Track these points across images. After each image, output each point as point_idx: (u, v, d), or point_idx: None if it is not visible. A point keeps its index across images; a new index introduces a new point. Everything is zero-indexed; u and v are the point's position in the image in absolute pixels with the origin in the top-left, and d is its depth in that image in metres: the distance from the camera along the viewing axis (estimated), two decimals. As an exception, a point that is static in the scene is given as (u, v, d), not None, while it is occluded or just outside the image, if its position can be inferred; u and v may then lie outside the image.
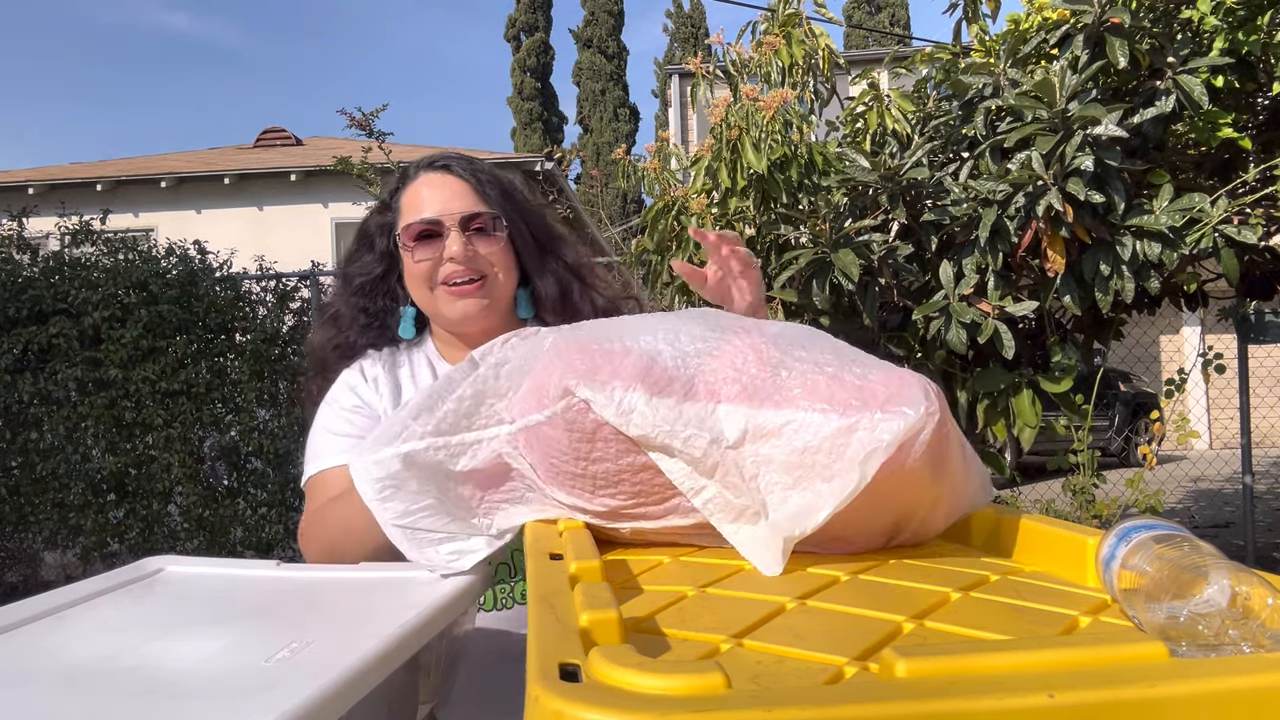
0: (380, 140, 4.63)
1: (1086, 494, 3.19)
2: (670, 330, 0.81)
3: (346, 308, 1.35)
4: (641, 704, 0.40)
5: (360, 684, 0.65)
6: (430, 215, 1.24)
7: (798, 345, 0.79)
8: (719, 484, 0.73)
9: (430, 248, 1.24)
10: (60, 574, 5.31)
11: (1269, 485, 8.71)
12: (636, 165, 3.22)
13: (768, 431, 0.72)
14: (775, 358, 0.77)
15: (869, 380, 0.73)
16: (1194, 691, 0.42)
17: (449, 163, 1.30)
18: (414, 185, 1.29)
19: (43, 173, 12.42)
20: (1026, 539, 0.77)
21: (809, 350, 0.78)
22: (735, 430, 0.73)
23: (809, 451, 0.70)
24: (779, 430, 0.72)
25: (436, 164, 1.30)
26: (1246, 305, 4.68)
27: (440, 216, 1.24)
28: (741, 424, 0.73)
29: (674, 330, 0.81)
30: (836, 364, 0.75)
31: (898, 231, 2.84)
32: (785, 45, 2.93)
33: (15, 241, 5.26)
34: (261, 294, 5.30)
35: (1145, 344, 6.45)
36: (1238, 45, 2.44)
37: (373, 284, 1.34)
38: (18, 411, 5.04)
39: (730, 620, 0.58)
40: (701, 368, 0.77)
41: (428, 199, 1.26)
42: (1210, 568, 0.50)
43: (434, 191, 1.26)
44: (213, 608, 0.86)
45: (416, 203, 1.26)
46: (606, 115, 27.97)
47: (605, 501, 0.78)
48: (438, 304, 1.26)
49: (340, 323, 1.35)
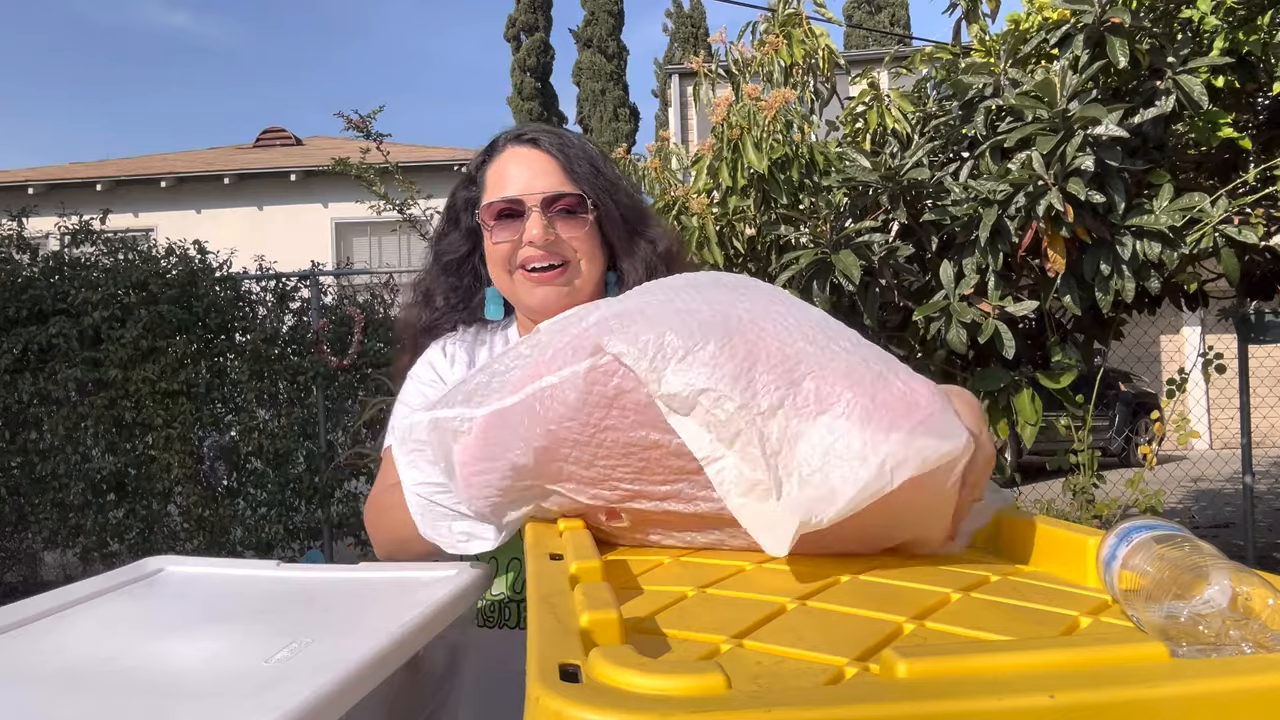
0: (378, 141, 4.63)
1: (1086, 494, 3.19)
2: (718, 300, 0.78)
3: (436, 285, 1.30)
4: (642, 704, 0.40)
5: (360, 684, 0.65)
6: (511, 194, 1.16)
7: (842, 335, 0.77)
8: (738, 455, 0.69)
9: (510, 228, 1.16)
10: (60, 574, 5.31)
11: (1269, 485, 8.71)
12: (637, 165, 3.23)
13: (803, 408, 0.69)
14: (822, 340, 0.74)
15: (914, 389, 0.70)
16: (1194, 692, 0.42)
17: (537, 136, 1.21)
18: (499, 159, 1.21)
19: (43, 173, 12.42)
20: (1026, 539, 0.77)
21: (853, 344, 0.76)
22: (769, 399, 0.69)
23: (841, 441, 0.67)
24: (815, 411, 0.69)
25: (524, 137, 1.21)
26: (1246, 305, 4.67)
27: (522, 195, 1.16)
28: (778, 395, 0.69)
29: (724, 300, 0.78)
30: (881, 364, 0.73)
31: (898, 232, 2.84)
32: (785, 45, 2.93)
33: (15, 241, 5.26)
34: (261, 294, 5.31)
35: (1145, 344, 6.44)
36: (1238, 45, 2.44)
37: (459, 262, 1.28)
38: (18, 411, 5.04)
39: (730, 620, 0.58)
40: (745, 334, 0.73)
41: (512, 175, 1.18)
42: (1211, 568, 0.50)
43: (518, 167, 1.18)
44: (213, 608, 0.86)
45: (500, 179, 1.19)
46: (606, 115, 27.96)
47: (602, 471, 0.75)
48: (516, 289, 1.19)
49: (430, 301, 1.30)
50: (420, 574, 0.90)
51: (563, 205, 1.16)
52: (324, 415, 5.00)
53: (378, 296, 5.45)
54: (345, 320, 5.06)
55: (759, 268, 2.84)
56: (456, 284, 1.29)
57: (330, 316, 5.13)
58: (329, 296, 5.43)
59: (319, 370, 4.94)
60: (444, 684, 0.92)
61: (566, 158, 1.18)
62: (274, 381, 5.07)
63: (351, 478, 4.96)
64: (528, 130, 1.22)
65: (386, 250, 11.10)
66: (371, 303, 5.36)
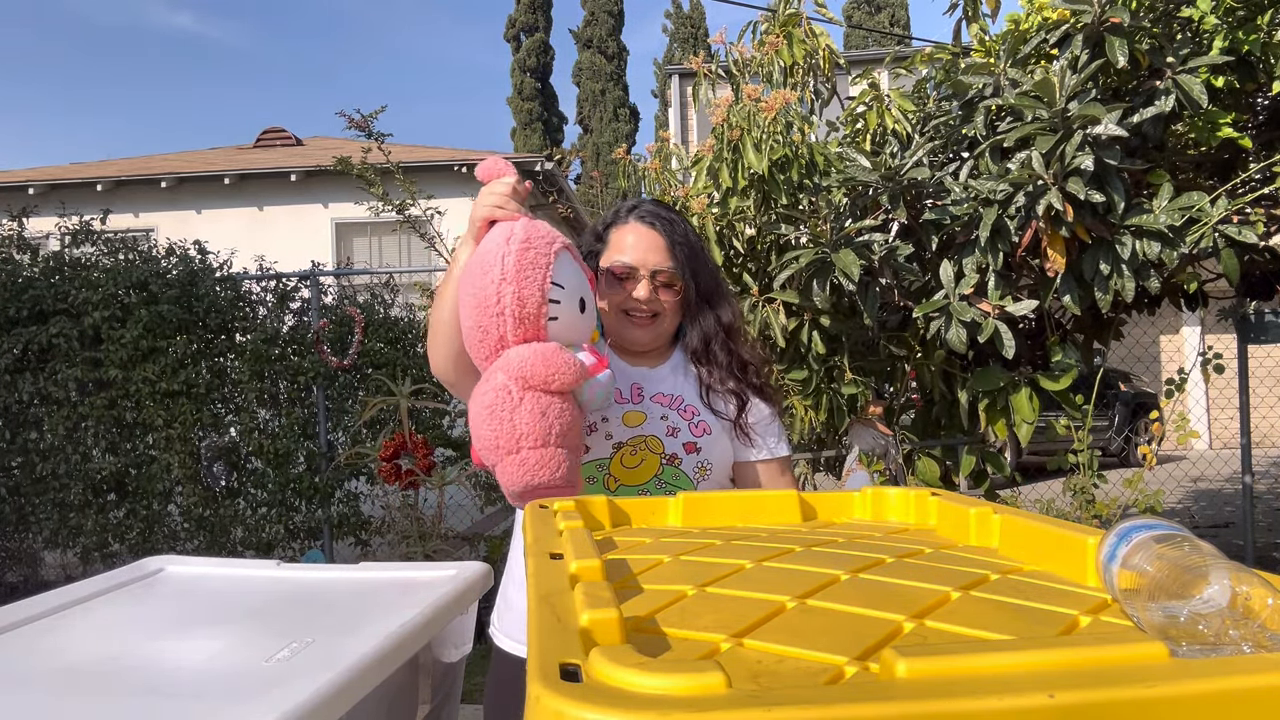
0: (379, 141, 4.62)
1: (1086, 494, 3.19)
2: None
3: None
4: (642, 704, 0.40)
5: (360, 684, 0.65)
6: (630, 261, 1.52)
7: None
8: None
9: (625, 286, 1.52)
10: (60, 574, 5.31)
11: (1269, 485, 8.71)
12: (637, 165, 3.23)
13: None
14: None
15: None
16: (1194, 691, 0.42)
17: (654, 221, 1.55)
18: (623, 228, 1.56)
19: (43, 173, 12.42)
20: (1026, 539, 0.77)
21: None
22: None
23: None
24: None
25: (646, 216, 1.56)
26: (1246, 305, 4.67)
27: (638, 265, 1.52)
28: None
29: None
30: None
31: (898, 231, 2.84)
32: (786, 45, 2.93)
33: (15, 241, 5.26)
34: (261, 294, 5.30)
35: (1145, 344, 6.44)
36: (1238, 45, 2.43)
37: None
38: (18, 411, 5.04)
39: (730, 620, 0.58)
40: None
41: (631, 245, 1.53)
42: (1210, 567, 0.50)
43: (637, 239, 1.54)
44: (213, 608, 0.86)
45: (622, 245, 1.54)
46: (606, 115, 27.95)
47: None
48: (619, 326, 1.54)
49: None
50: (420, 574, 0.90)
51: (664, 278, 1.53)
52: (324, 415, 4.99)
53: (378, 296, 5.44)
54: (345, 320, 5.05)
55: (759, 268, 2.83)
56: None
57: (330, 316, 5.12)
58: (329, 296, 5.42)
59: (319, 370, 4.94)
60: (445, 683, 0.92)
61: (671, 241, 1.54)
62: (274, 381, 5.07)
63: (351, 478, 4.95)
64: (649, 210, 1.57)
65: (386, 250, 11.09)
66: (371, 303, 5.35)
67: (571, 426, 1.18)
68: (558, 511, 0.86)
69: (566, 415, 1.17)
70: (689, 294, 1.56)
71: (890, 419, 2.96)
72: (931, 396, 2.93)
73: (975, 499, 0.91)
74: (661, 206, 1.61)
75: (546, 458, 1.13)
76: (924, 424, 3.04)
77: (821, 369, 2.77)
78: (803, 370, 2.76)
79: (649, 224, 1.56)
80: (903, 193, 2.61)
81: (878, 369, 2.94)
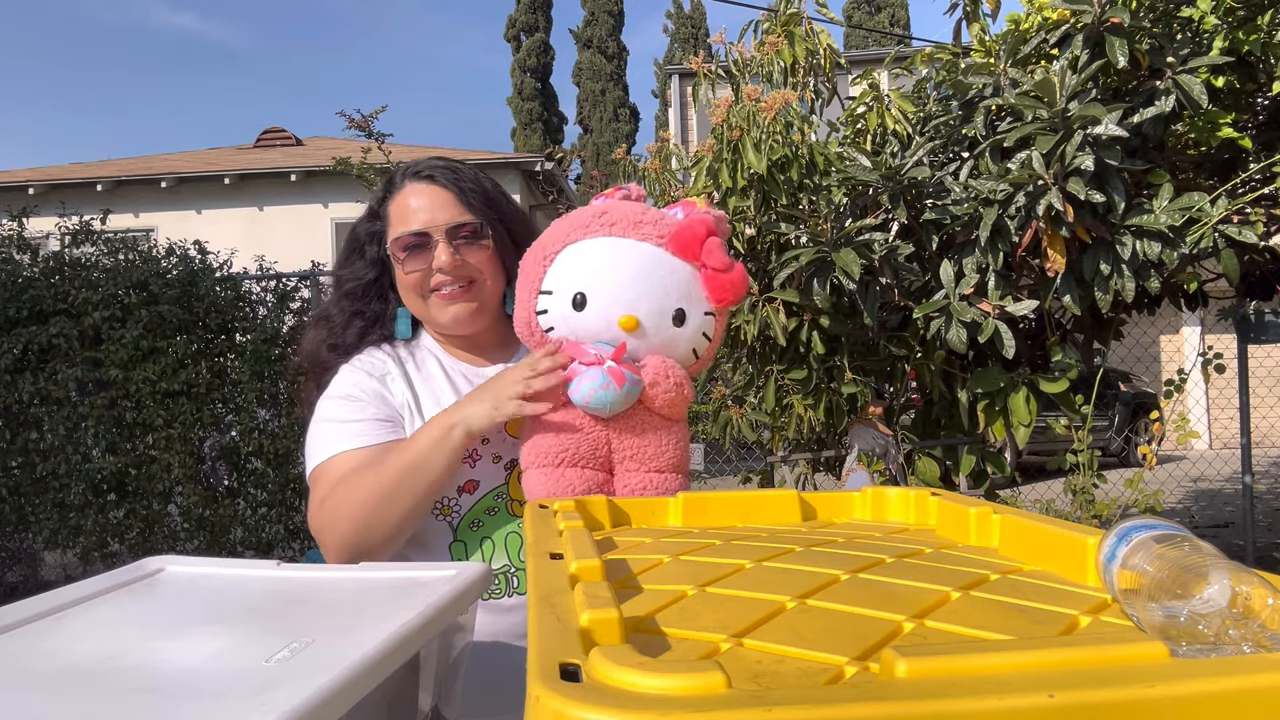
0: (380, 141, 4.62)
1: (1086, 494, 3.19)
2: None
3: (338, 311, 1.39)
4: (642, 704, 0.40)
5: (360, 684, 0.65)
6: (417, 228, 1.28)
7: None
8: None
9: (419, 259, 1.28)
10: (60, 574, 5.31)
11: (1269, 485, 8.71)
12: (637, 165, 3.22)
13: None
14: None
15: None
16: (1194, 691, 0.42)
17: (433, 172, 1.32)
18: (400, 195, 1.32)
19: (43, 173, 12.42)
20: (1026, 539, 0.77)
21: None
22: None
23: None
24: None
25: (421, 173, 1.32)
26: (1246, 305, 4.67)
27: (427, 228, 1.27)
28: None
29: None
30: None
31: (898, 231, 2.84)
32: (787, 45, 2.92)
33: (15, 241, 5.26)
34: (261, 294, 5.30)
35: (1145, 344, 6.44)
36: (1238, 45, 2.43)
37: (365, 288, 1.38)
38: (18, 411, 5.04)
39: (730, 619, 0.58)
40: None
41: (414, 209, 1.29)
42: (1210, 567, 0.50)
43: (420, 201, 1.29)
44: (213, 608, 0.86)
45: (404, 214, 1.30)
46: (606, 115, 27.95)
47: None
48: (430, 310, 1.31)
49: (332, 324, 1.38)
50: (420, 574, 0.90)
51: (464, 233, 1.28)
52: (324, 415, 4.99)
53: (378, 296, 5.44)
54: (345, 320, 5.05)
55: (759, 267, 2.83)
56: (362, 309, 1.38)
57: (330, 316, 5.12)
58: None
59: (319, 370, 4.94)
60: (445, 683, 0.92)
61: (461, 190, 1.30)
62: (274, 381, 5.07)
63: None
64: (424, 166, 1.33)
65: (386, 250, 11.11)
66: (371, 303, 5.36)
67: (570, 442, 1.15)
68: (558, 511, 0.87)
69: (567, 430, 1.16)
70: (503, 247, 1.31)
71: (890, 419, 2.96)
72: (931, 396, 2.93)
73: (975, 499, 0.91)
74: (440, 159, 1.36)
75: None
76: (924, 424, 3.04)
77: (821, 369, 2.77)
78: (802, 370, 2.76)
79: (428, 179, 1.31)
80: (903, 192, 2.61)
81: (878, 369, 2.94)
